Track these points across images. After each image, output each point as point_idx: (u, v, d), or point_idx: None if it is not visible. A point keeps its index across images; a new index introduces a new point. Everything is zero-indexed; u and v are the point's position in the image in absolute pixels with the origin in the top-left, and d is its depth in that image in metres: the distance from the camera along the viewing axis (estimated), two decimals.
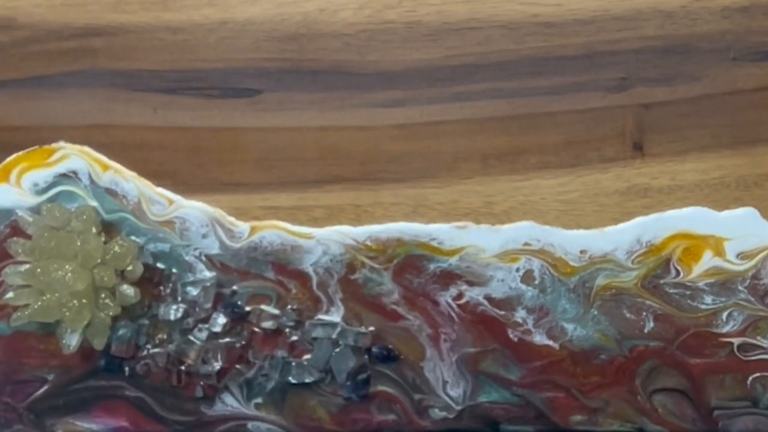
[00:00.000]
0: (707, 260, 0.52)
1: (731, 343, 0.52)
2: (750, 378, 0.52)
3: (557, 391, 0.53)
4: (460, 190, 0.57)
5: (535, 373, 0.53)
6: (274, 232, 0.54)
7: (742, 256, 0.52)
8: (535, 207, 0.56)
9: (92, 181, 0.54)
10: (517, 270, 0.53)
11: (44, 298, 0.53)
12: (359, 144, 0.57)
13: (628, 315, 0.53)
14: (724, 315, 0.52)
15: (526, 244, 0.53)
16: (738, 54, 0.56)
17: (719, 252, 0.52)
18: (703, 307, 0.52)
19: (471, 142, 0.57)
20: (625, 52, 0.56)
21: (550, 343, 0.53)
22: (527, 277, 0.53)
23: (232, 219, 0.54)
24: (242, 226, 0.54)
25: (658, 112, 0.56)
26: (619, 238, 0.53)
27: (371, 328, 0.54)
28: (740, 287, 0.52)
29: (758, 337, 0.52)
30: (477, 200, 0.57)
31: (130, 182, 0.54)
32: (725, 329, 0.52)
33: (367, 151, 0.57)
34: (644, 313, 0.53)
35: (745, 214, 0.52)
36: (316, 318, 0.54)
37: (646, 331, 0.53)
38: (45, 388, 0.55)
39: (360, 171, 0.57)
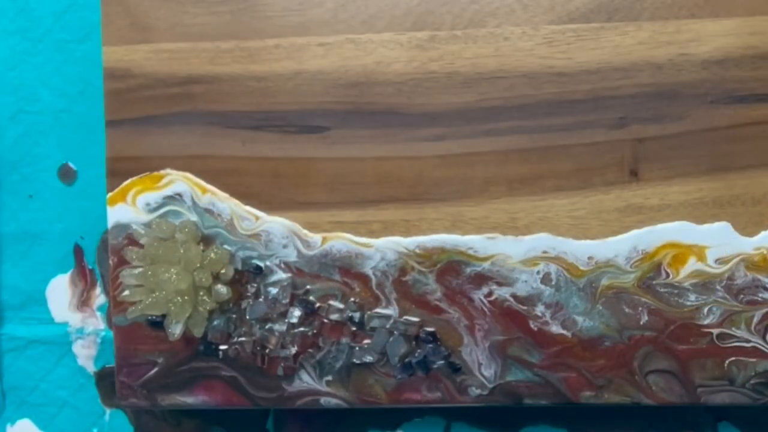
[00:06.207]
0: (691, 265, 0.54)
1: (711, 333, 0.55)
2: (727, 361, 0.55)
3: (570, 372, 0.55)
4: (490, 208, 0.57)
5: (552, 357, 0.55)
6: (341, 241, 0.56)
7: (719, 261, 0.54)
8: (551, 222, 0.56)
9: (194, 202, 0.57)
10: (537, 273, 0.55)
11: (154, 295, 0.57)
12: (408, 171, 0.57)
13: (627, 310, 0.55)
14: (705, 310, 0.55)
15: (544, 252, 0.55)
16: (715, 98, 0.56)
17: (701, 258, 0.54)
18: (688, 303, 0.55)
19: (499, 170, 0.57)
20: (623, 96, 0.56)
21: (564, 332, 0.55)
22: (545, 279, 0.55)
23: (306, 231, 0.57)
24: (315, 237, 0.57)
25: (650, 145, 0.56)
26: (619, 247, 0.55)
27: (417, 319, 0.56)
28: (718, 287, 0.54)
29: (733, 328, 0.55)
30: (504, 216, 0.56)
31: (224, 202, 0.57)
32: (706, 321, 0.55)
33: (414, 176, 0.57)
34: (640, 308, 0.55)
35: (721, 227, 0.55)
36: (374, 311, 0.57)
37: (641, 323, 0.55)
38: (155, 369, 0.58)
39: (409, 192, 0.57)
